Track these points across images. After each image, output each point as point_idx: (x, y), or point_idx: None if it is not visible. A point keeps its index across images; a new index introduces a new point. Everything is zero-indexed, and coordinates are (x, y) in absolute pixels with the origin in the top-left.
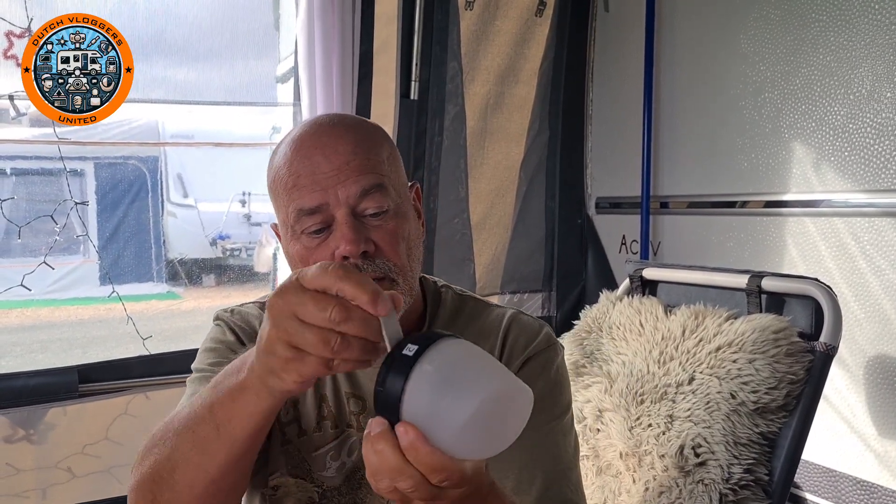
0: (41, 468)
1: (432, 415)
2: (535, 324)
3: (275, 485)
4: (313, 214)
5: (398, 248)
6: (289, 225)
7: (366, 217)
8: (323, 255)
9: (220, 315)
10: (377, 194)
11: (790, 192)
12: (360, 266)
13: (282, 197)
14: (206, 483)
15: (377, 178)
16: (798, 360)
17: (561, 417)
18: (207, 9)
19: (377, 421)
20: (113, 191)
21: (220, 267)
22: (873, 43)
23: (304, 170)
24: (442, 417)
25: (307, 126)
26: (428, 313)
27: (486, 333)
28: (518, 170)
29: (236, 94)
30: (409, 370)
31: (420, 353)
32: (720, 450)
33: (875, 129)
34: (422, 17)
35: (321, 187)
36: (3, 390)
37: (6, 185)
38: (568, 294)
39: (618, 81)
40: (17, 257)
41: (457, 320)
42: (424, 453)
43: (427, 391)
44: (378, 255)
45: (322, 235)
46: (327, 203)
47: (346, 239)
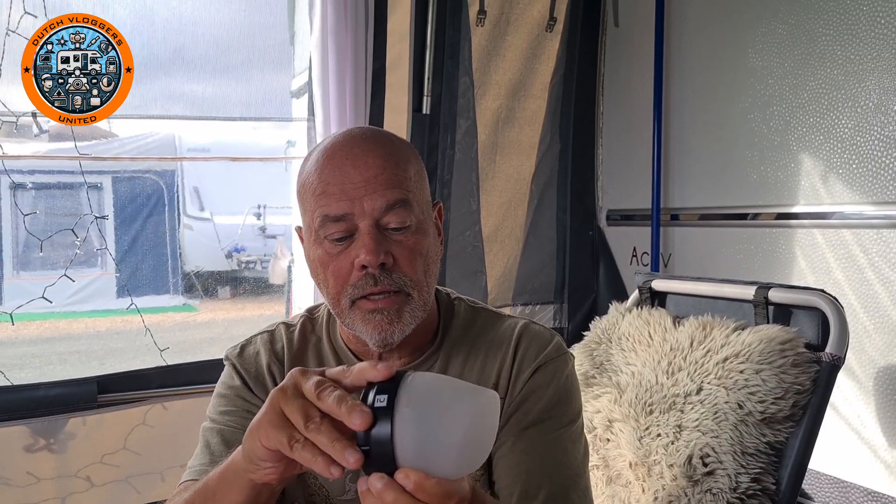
0: (61, 477)
1: (425, 451)
2: (545, 333)
3: None
4: (338, 222)
5: (415, 264)
6: (313, 230)
7: (388, 230)
8: (343, 263)
9: (228, 355)
10: (401, 210)
11: (799, 204)
12: (377, 277)
13: (309, 202)
14: None
15: (403, 194)
16: (804, 371)
17: (570, 425)
18: (224, 26)
19: (376, 477)
20: (131, 204)
21: (235, 279)
22: (880, 57)
23: (333, 178)
24: (436, 450)
25: (341, 137)
26: (441, 326)
27: (497, 344)
28: (529, 183)
29: (252, 109)
30: (391, 419)
31: (392, 399)
32: (728, 459)
33: (882, 141)
34: (434, 33)
35: (348, 197)
36: (23, 401)
37: (27, 200)
38: (579, 306)
39: (628, 95)
40: (38, 270)
41: (469, 332)
42: (431, 486)
43: (414, 432)
44: (395, 269)
45: (344, 244)
46: (353, 213)
47: (366, 249)
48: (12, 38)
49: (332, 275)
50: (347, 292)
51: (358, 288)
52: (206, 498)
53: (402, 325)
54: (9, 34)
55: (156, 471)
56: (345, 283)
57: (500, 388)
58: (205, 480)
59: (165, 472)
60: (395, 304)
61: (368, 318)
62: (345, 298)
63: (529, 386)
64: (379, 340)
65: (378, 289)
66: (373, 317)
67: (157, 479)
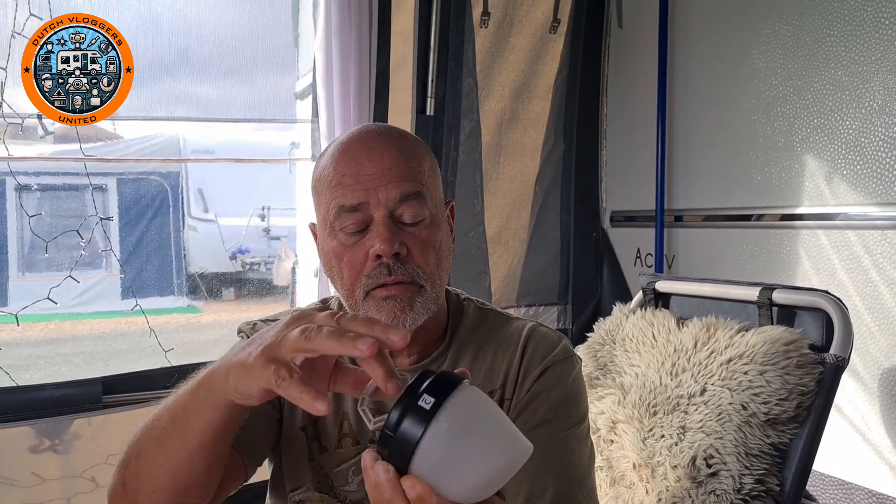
0: (66, 478)
1: (443, 472)
2: (553, 336)
3: (300, 499)
4: (353, 212)
5: (429, 256)
6: (328, 221)
7: (402, 223)
8: (358, 254)
9: (242, 328)
10: (415, 202)
11: (803, 205)
12: (391, 267)
13: (325, 194)
14: (162, 474)
15: (417, 187)
16: (808, 372)
17: (576, 427)
18: (229, 28)
19: (383, 467)
20: (135, 206)
21: (239, 280)
22: (884, 58)
23: (349, 170)
24: (453, 477)
25: (356, 132)
26: (450, 325)
27: (505, 345)
28: (533, 184)
29: (256, 111)
30: (425, 425)
31: (437, 406)
32: (732, 460)
33: (887, 142)
34: (437, 34)
35: (363, 187)
36: (29, 401)
37: (33, 201)
38: (584, 307)
39: (632, 96)
40: (43, 271)
41: (478, 332)
42: (433, 503)
43: (440, 450)
44: (409, 260)
45: (359, 236)
46: (368, 202)
47: (381, 238)
48: (18, 40)
49: (347, 266)
50: (362, 283)
51: (372, 278)
52: (174, 414)
53: (415, 314)
54: (14, 36)
55: None
56: (359, 273)
57: (507, 389)
58: (174, 397)
59: None
60: (407, 293)
61: (382, 305)
62: (359, 289)
63: (536, 387)
64: None
65: (392, 279)
66: (386, 303)
67: None
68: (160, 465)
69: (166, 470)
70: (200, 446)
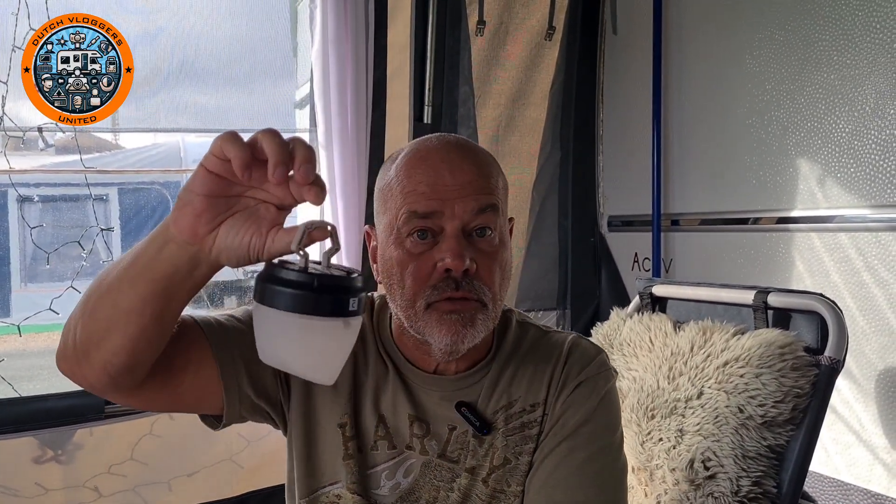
0: (69, 488)
1: (261, 334)
2: (591, 349)
3: (337, 493)
4: (425, 219)
5: (494, 275)
6: (395, 227)
7: (473, 236)
8: (425, 264)
9: None
10: (491, 214)
11: (797, 208)
12: (458, 281)
13: (396, 199)
14: (113, 326)
15: (493, 200)
16: (804, 374)
17: (607, 440)
18: (228, 38)
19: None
20: (136, 216)
21: (241, 289)
22: (876, 61)
23: (427, 178)
24: (263, 343)
25: (435, 141)
26: (495, 338)
27: (546, 359)
28: (531, 190)
29: (256, 120)
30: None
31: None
32: (729, 463)
33: (879, 145)
34: (433, 43)
35: (440, 197)
36: (32, 412)
37: (34, 213)
38: (583, 312)
39: (627, 102)
40: (46, 282)
41: (519, 347)
42: None
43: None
44: (477, 277)
45: (426, 243)
46: (442, 212)
47: (453, 253)
48: (18, 54)
49: (411, 275)
50: (425, 294)
51: (438, 290)
52: (125, 265)
53: (475, 331)
54: (14, 50)
55: (163, 480)
56: (424, 284)
57: (549, 403)
58: (122, 256)
59: (172, 482)
60: (471, 309)
61: (444, 319)
62: (421, 300)
63: (569, 401)
64: (450, 343)
65: (459, 293)
66: (449, 318)
67: (164, 488)
68: (110, 318)
69: (117, 322)
70: (152, 294)
